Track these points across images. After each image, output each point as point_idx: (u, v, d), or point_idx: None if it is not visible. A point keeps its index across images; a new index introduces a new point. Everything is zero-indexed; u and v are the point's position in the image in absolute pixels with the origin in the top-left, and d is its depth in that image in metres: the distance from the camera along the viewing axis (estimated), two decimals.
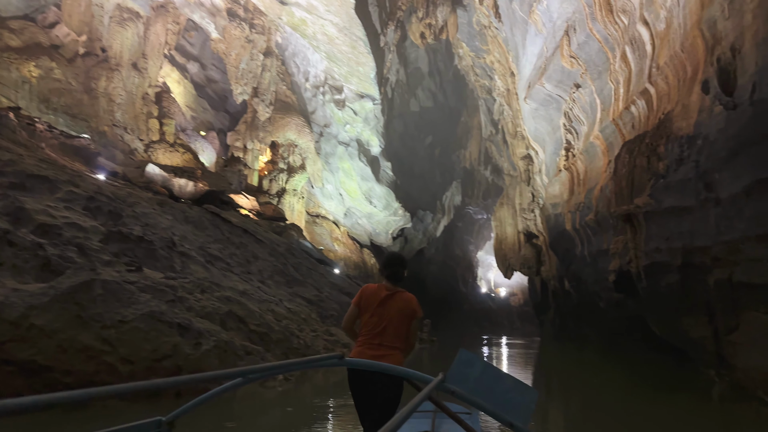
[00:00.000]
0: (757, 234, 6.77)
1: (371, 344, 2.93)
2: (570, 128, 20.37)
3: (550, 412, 9.28)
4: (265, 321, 11.96)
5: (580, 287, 22.75)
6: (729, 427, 7.23)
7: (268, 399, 8.80)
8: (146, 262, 12.32)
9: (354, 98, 29.74)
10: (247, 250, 16.56)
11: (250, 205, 22.87)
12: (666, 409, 9.08)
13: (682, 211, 8.49)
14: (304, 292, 16.65)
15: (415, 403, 1.34)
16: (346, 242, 34.25)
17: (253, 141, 29.53)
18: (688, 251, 8.24)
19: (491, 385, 1.98)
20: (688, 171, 8.67)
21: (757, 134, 7.02)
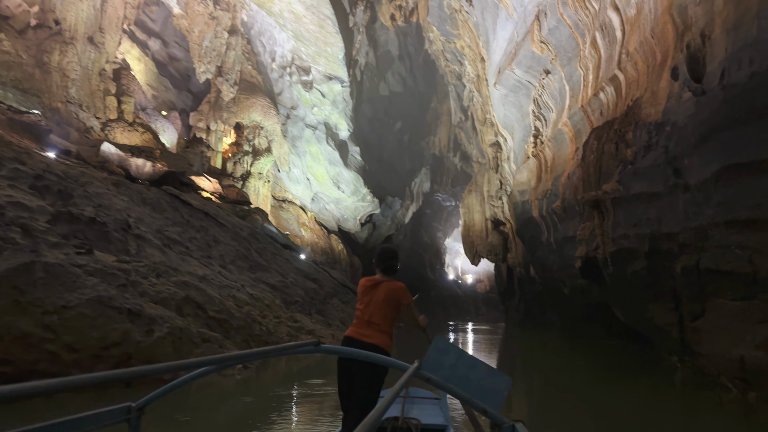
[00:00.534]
0: (726, 220, 6.72)
1: (362, 324, 3.11)
2: (539, 115, 20.34)
3: (516, 395, 9.21)
4: (225, 307, 11.48)
5: (546, 274, 22.96)
6: (692, 413, 7.25)
7: (226, 388, 8.38)
8: (98, 244, 11.65)
9: (322, 80, 29.03)
10: (208, 234, 15.94)
11: (212, 188, 22.08)
12: (629, 393, 9.15)
13: (650, 197, 8.43)
14: (268, 278, 16.17)
15: (395, 391, 1.34)
16: (313, 228, 33.72)
17: (217, 122, 28.54)
18: (655, 237, 8.20)
19: (466, 372, 2.02)
20: (657, 157, 8.60)
21: (728, 119, 6.93)
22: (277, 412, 6.59)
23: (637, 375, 11.28)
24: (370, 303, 3.16)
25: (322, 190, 32.98)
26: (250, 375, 9.56)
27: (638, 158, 10.22)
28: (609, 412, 7.60)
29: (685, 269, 7.55)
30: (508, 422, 1.56)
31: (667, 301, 8.40)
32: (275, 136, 29.07)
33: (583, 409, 7.86)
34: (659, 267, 8.33)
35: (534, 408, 8.25)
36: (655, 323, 8.98)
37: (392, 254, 3.46)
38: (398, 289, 3.25)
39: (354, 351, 2.24)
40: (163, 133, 27.80)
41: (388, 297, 3.16)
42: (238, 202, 23.20)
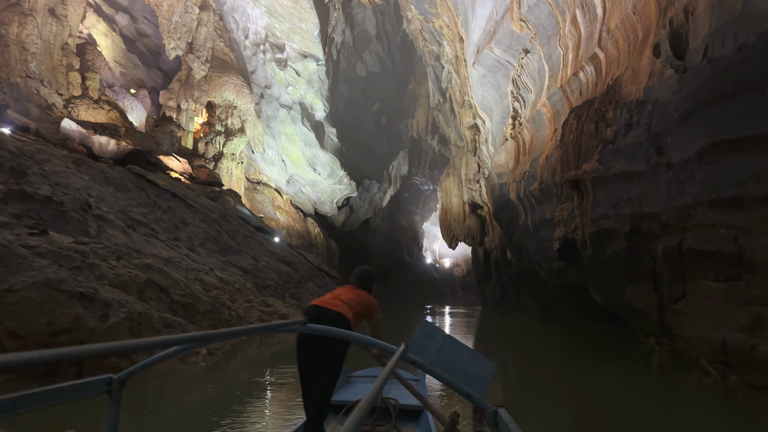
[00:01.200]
0: (710, 199, 6.48)
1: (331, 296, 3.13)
2: (517, 96, 20.03)
3: (494, 377, 8.96)
4: (191, 291, 10.96)
5: (522, 257, 22.90)
6: (671, 396, 7.08)
7: (189, 377, 7.91)
8: (55, 225, 10.99)
9: (296, 57, 28.15)
10: (175, 215, 15.28)
11: (182, 168, 21.25)
12: (607, 375, 9.03)
13: (631, 176, 8.18)
14: (239, 261, 15.64)
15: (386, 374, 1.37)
16: (289, 211, 33.07)
17: (188, 101, 27.52)
18: (636, 218, 7.96)
19: (451, 356, 2.04)
20: (638, 135, 8.33)
21: (714, 94, 6.66)
22: (241, 402, 6.16)
23: (613, 357, 11.20)
24: (341, 295, 3.18)
25: (297, 172, 32.27)
26: (216, 362, 9.11)
27: (619, 137, 9.97)
28: (586, 394, 7.45)
29: (667, 250, 7.33)
30: (492, 407, 1.54)
31: (647, 283, 8.21)
32: (249, 116, 28.20)
33: (560, 391, 7.71)
34: (640, 248, 8.11)
35: (511, 391, 8.05)
36: (634, 306, 8.80)
37: (370, 276, 3.56)
38: (373, 302, 3.36)
39: (339, 331, 2.16)
40: (132, 112, 26.70)
41: (363, 301, 3.23)
42: (209, 183, 22.43)
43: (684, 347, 7.87)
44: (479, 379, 2.00)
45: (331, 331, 2.14)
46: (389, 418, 3.44)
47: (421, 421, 3.59)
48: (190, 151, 26.97)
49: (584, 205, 9.48)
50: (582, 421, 6.00)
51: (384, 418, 3.46)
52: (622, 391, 7.66)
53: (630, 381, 8.34)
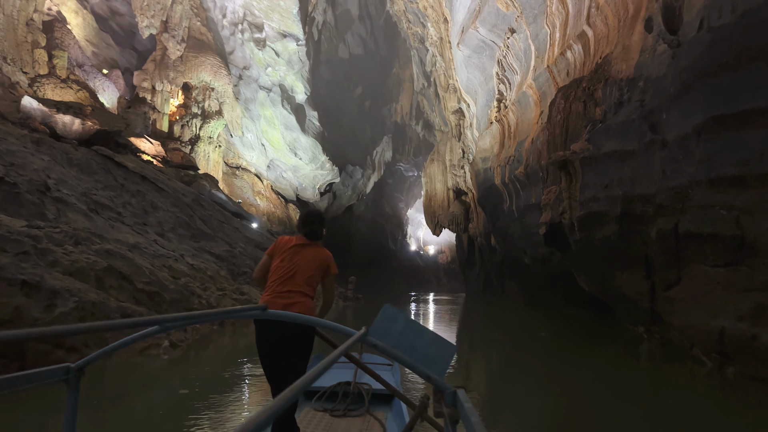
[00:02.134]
0: (709, 178, 6.01)
1: (280, 292, 2.76)
2: (503, 77, 19.47)
3: (478, 365, 8.58)
4: (157, 278, 10.30)
5: (507, 243, 22.54)
6: (663, 386, 6.69)
7: (150, 372, 7.28)
8: (7, 208, 10.23)
9: (276, 37, 27.17)
10: (145, 199, 14.50)
11: (154, 151, 20.33)
12: (594, 363, 8.69)
13: (623, 155, 7.69)
14: (212, 247, 14.94)
15: (336, 355, 1.29)
16: (269, 196, 32.25)
17: (163, 82, 26.45)
18: (628, 199, 7.49)
19: (412, 339, 2.05)
20: (631, 112, 7.83)
21: (714, 65, 6.15)
22: (205, 399, 5.57)
23: (599, 345, 10.85)
24: (294, 266, 2.84)
25: (278, 156, 31.39)
26: (181, 355, 8.49)
27: (609, 116, 9.49)
28: (573, 383, 7.06)
29: (661, 233, 6.87)
30: (451, 388, 1.52)
31: (638, 269, 7.77)
32: (227, 98, 27.23)
33: (545, 379, 7.38)
34: (631, 232, 7.65)
35: (495, 379, 7.71)
36: (624, 292, 8.37)
37: (318, 218, 3.14)
38: (329, 257, 3.02)
39: (302, 317, 2.09)
40: (103, 92, 25.59)
41: (317, 260, 2.92)
42: (183, 167, 21.54)
43: (676, 336, 7.46)
44: (440, 361, 1.97)
45: (292, 316, 2.12)
46: (362, 403, 3.47)
47: (394, 404, 3.65)
48: (165, 134, 25.98)
49: (572, 187, 9.00)
50: (569, 412, 5.62)
51: (357, 403, 3.50)
52: (610, 380, 7.29)
53: (618, 369, 7.97)
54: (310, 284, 2.85)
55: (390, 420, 3.39)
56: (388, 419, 3.39)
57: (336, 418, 3.34)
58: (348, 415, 3.35)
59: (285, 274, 2.81)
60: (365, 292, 28.95)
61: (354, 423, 3.27)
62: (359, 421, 3.29)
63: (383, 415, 3.42)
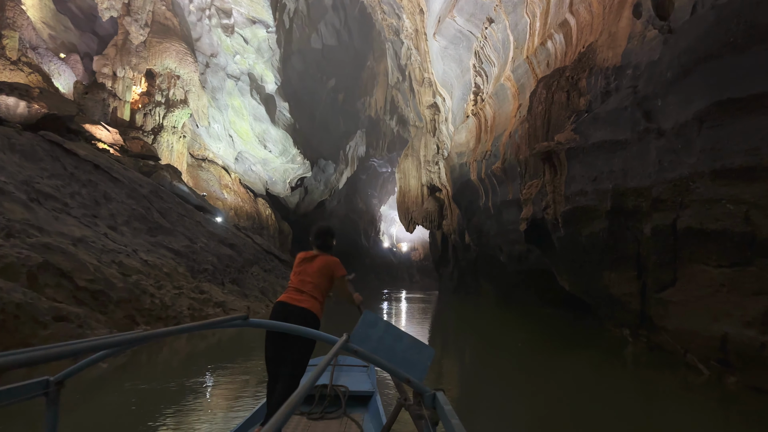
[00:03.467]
0: (713, 169, 5.43)
1: (294, 290, 3.15)
2: (480, 70, 18.89)
3: (453, 368, 7.95)
4: (103, 276, 9.30)
5: (481, 240, 22.02)
6: (653, 395, 6.11)
7: (89, 383, 6.33)
8: None
9: (245, 23, 26.00)
10: (97, 190, 13.36)
11: (111, 139, 19.02)
12: (575, 367, 8.18)
13: (614, 145, 7.10)
14: (171, 242, 13.91)
15: (324, 363, 1.39)
16: (237, 190, 31.01)
17: (125, 68, 25.00)
18: (619, 193, 6.90)
19: (392, 344, 2.13)
20: (622, 99, 7.24)
21: (718, 45, 5.58)
22: (152, 418, 4.70)
23: (580, 347, 10.36)
24: (304, 273, 3.23)
25: (246, 149, 30.17)
26: (126, 362, 7.55)
27: (595, 106, 8.92)
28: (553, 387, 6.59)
29: (657, 230, 6.29)
30: (430, 391, 1.59)
31: (629, 269, 7.20)
32: (192, 87, 25.93)
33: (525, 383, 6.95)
34: (622, 228, 7.07)
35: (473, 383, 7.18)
36: (611, 293, 7.81)
37: (328, 232, 3.50)
38: (333, 262, 3.34)
39: (283, 325, 2.03)
40: (59, 77, 24.01)
41: (322, 268, 3.25)
42: (142, 157, 20.26)
43: (667, 341, 6.91)
44: (419, 364, 2.05)
45: (274, 325, 2.13)
46: (339, 405, 3.49)
47: (371, 406, 3.68)
48: (126, 122, 24.56)
49: (557, 180, 8.39)
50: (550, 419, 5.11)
51: (334, 405, 3.52)
52: (594, 386, 6.78)
53: (602, 374, 7.44)
54: (318, 289, 3.18)
55: (367, 421, 3.39)
56: (365, 420, 3.40)
57: (313, 420, 3.32)
58: (325, 417, 3.36)
59: (298, 282, 3.18)
60: None
61: (331, 425, 3.26)
62: (336, 423, 3.29)
63: (360, 417, 3.43)
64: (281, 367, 2.95)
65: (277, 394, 2.89)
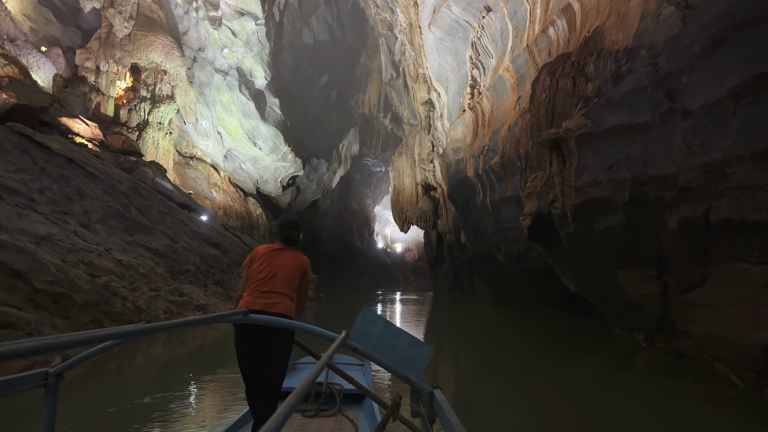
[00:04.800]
0: (753, 151, 4.70)
1: (260, 292, 2.80)
2: (477, 62, 18.15)
3: (452, 373, 7.23)
4: (67, 277, 8.46)
5: (478, 240, 21.29)
6: (677, 409, 5.36)
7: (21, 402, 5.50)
8: None
9: (232, 15, 25.13)
10: (70, 185, 12.51)
11: (90, 133, 18.12)
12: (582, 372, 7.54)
13: (631, 130, 6.35)
14: (150, 241, 13.06)
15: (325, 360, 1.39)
16: (227, 189, 30.12)
17: (109, 62, 24.09)
18: (638, 183, 6.15)
19: (391, 342, 2.11)
20: (640, 79, 6.49)
21: (760, 7, 4.81)
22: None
23: (584, 351, 9.67)
24: (274, 268, 2.90)
25: (236, 146, 29.27)
26: (97, 369, 6.71)
27: (604, 91, 8.17)
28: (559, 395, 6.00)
29: (685, 223, 5.55)
30: (428, 388, 1.58)
31: (648, 267, 6.45)
32: (179, 82, 25.04)
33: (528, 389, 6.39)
34: (641, 222, 6.32)
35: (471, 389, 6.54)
36: (625, 294, 7.06)
37: (293, 224, 3.15)
38: (306, 262, 3.08)
39: (283, 321, 2.15)
40: (38, 70, 23.06)
41: (294, 261, 2.98)
42: (124, 152, 19.36)
43: (691, 348, 6.17)
44: (417, 363, 2.02)
45: (273, 320, 2.14)
46: (334, 403, 3.46)
47: (365, 404, 3.63)
48: (110, 118, 23.64)
49: (566, 171, 7.64)
50: None
51: (329, 403, 3.48)
52: (601, 393, 6.19)
53: (610, 381, 6.77)
54: (289, 285, 2.89)
55: (362, 419, 3.34)
56: (360, 419, 3.35)
57: (308, 418, 3.27)
58: (320, 415, 3.31)
59: (265, 276, 2.84)
60: (330, 291, 27.45)
61: (326, 423, 3.21)
62: (331, 421, 3.24)
63: (355, 415, 3.38)
64: (260, 371, 2.74)
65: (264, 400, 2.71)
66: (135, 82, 25.42)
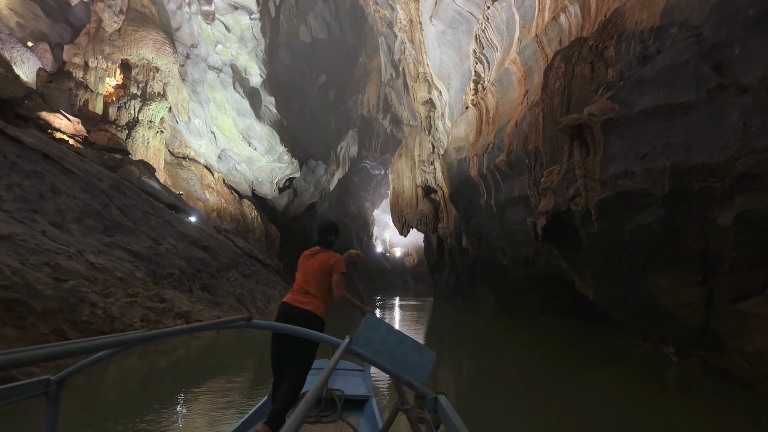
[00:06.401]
0: None
1: (299, 291, 3.10)
2: (480, 56, 17.28)
3: (456, 391, 6.28)
4: (25, 281, 7.51)
5: (481, 243, 20.36)
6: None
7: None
8: None
9: (226, 9, 24.26)
10: (43, 182, 11.58)
11: (72, 129, 17.20)
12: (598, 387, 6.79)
13: (670, 111, 5.45)
14: (130, 243, 12.12)
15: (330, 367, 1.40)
16: (221, 191, 29.17)
17: (98, 57, 23.22)
18: (680, 173, 5.22)
19: (394, 347, 2.06)
20: (680, 52, 5.59)
21: None
22: None
23: (600, 363, 8.79)
24: (306, 272, 3.17)
25: (230, 146, 28.34)
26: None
27: (628, 75, 7.27)
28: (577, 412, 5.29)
29: (743, 218, 4.64)
30: (432, 394, 1.56)
31: (690, 271, 5.53)
32: (171, 79, 24.14)
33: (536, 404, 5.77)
34: (684, 218, 5.40)
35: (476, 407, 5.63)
36: (659, 302, 6.13)
37: (328, 227, 3.41)
38: (332, 258, 3.22)
39: (286, 327, 2.17)
40: (22, 65, 22.19)
41: (322, 264, 3.17)
42: (109, 150, 18.44)
43: (741, 366, 5.24)
44: (420, 368, 1.98)
45: (275, 326, 2.17)
46: (335, 409, 3.41)
47: (366, 410, 3.61)
48: (99, 116, 22.74)
49: (589, 162, 6.73)
50: None
51: (330, 409, 3.44)
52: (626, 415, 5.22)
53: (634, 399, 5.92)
54: (319, 286, 3.10)
55: (363, 425, 3.32)
56: (361, 425, 3.32)
57: (309, 424, 3.20)
58: (321, 421, 3.26)
59: (302, 281, 3.15)
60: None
61: (327, 429, 3.17)
62: (332, 427, 3.20)
63: (356, 421, 3.35)
64: (286, 367, 2.93)
65: (282, 392, 2.83)
66: (125, 79, 24.54)
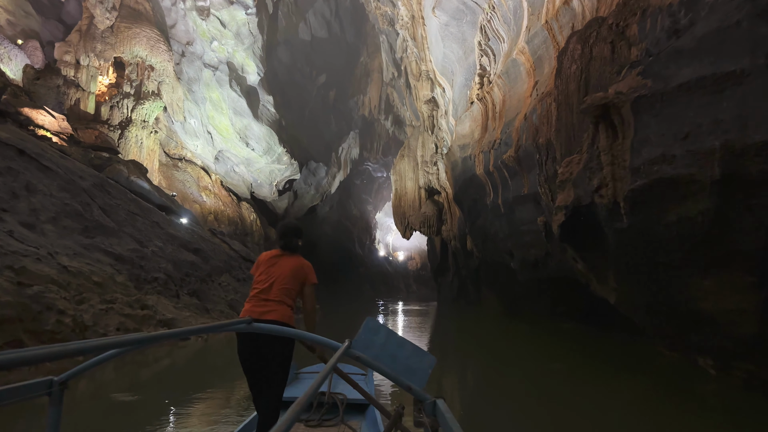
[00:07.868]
0: None
1: (258, 299, 2.85)
2: (486, 48, 16.45)
3: (457, 397, 5.44)
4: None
5: (487, 245, 19.49)
6: None
7: None
8: None
9: (221, 4, 23.52)
10: (17, 179, 10.79)
11: (57, 126, 16.43)
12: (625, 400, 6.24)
13: (719, 82, 4.59)
14: (112, 245, 11.31)
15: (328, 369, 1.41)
16: (218, 193, 28.38)
17: (89, 55, 22.51)
18: (735, 153, 4.33)
19: (394, 351, 2.05)
20: (728, 14, 4.73)
21: None
22: None
23: (624, 373, 8.04)
24: (271, 277, 2.93)
25: (227, 147, 27.54)
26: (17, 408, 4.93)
27: (655, 52, 6.42)
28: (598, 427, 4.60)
29: None
30: (430, 398, 1.55)
31: (743, 272, 4.66)
32: (166, 77, 23.41)
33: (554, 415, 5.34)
34: (738, 208, 4.54)
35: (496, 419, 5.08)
36: (700, 308, 5.26)
37: (293, 230, 3.18)
38: (307, 266, 3.07)
39: (287, 330, 2.15)
40: (9, 62, 21.47)
41: (295, 271, 2.97)
42: (96, 148, 17.67)
43: None
44: (420, 372, 1.98)
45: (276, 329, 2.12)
46: (337, 413, 3.40)
47: (368, 414, 3.60)
48: (91, 116, 22.03)
49: (617, 147, 5.86)
50: None
51: (332, 413, 3.41)
52: None
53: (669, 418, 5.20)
54: (287, 294, 2.87)
55: (364, 429, 3.31)
56: (363, 429, 3.32)
57: (310, 428, 3.21)
58: (322, 425, 3.25)
59: (263, 284, 2.87)
60: (330, 300, 25.84)
61: None
62: (333, 430, 3.18)
63: (357, 425, 3.34)
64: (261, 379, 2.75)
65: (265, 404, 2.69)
66: (119, 78, 23.83)
